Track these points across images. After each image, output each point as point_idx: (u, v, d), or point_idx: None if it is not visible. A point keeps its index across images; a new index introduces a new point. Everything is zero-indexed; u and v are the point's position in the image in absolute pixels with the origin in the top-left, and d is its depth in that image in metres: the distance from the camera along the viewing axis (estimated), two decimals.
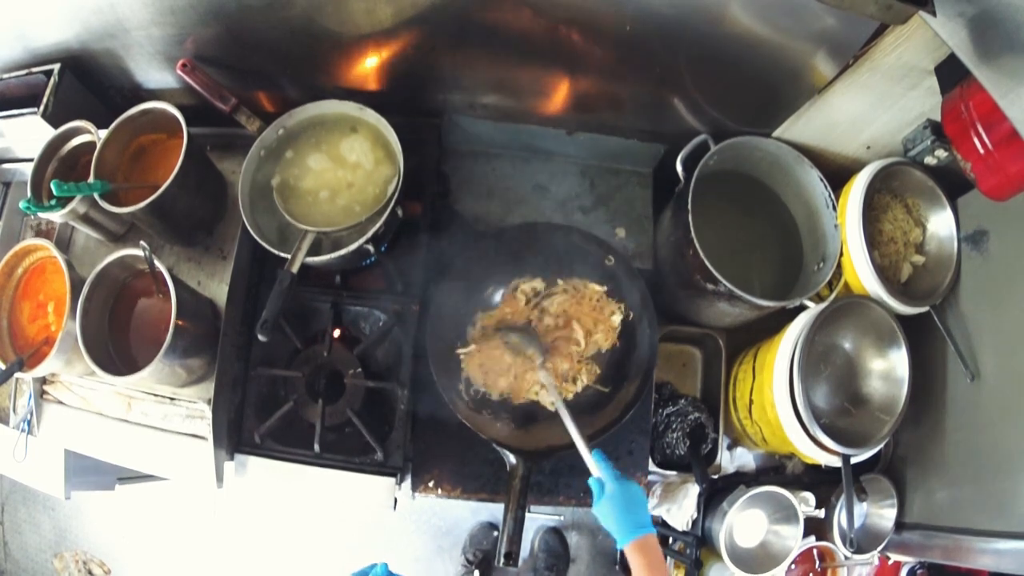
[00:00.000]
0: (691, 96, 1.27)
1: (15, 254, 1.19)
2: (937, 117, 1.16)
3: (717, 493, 1.43)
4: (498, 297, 1.34)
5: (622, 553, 1.60)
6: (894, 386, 1.30)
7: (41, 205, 1.16)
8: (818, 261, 1.32)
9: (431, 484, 1.32)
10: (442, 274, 1.28)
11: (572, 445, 1.13)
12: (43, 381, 1.30)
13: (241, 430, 1.26)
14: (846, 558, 1.42)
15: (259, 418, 1.25)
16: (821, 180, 1.31)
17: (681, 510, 1.41)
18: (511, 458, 1.17)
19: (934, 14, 0.83)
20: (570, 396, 1.29)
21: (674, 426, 1.44)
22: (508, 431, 1.26)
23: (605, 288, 1.31)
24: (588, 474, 1.07)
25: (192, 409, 1.25)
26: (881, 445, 1.33)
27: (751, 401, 1.38)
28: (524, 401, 1.30)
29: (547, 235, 1.32)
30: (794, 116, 1.26)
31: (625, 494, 1.03)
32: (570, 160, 1.52)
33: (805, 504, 1.40)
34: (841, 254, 1.28)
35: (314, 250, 1.14)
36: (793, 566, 1.42)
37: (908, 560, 1.48)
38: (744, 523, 1.42)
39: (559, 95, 1.32)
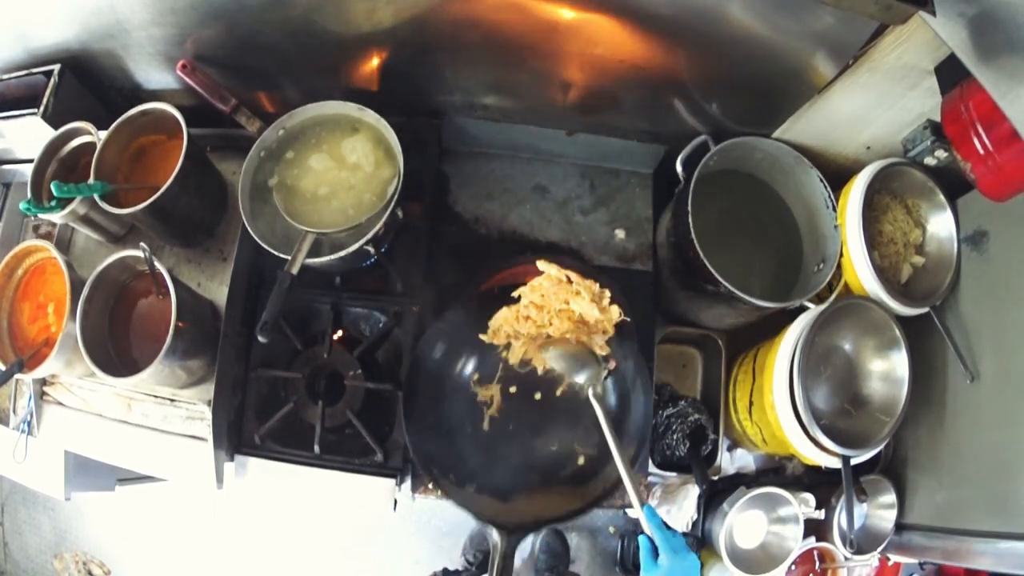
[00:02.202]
0: (691, 96, 1.27)
1: (15, 255, 1.18)
2: (937, 117, 1.16)
3: (717, 494, 1.43)
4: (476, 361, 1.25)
5: (622, 554, 1.59)
6: (894, 387, 1.30)
7: (41, 206, 1.16)
8: (818, 262, 1.32)
9: (431, 485, 1.32)
10: (423, 338, 1.22)
11: (563, 517, 1.12)
12: (43, 382, 1.30)
13: (241, 431, 1.26)
14: (846, 559, 1.42)
15: (259, 419, 1.25)
16: (821, 181, 1.31)
17: (681, 511, 1.40)
18: (494, 535, 1.09)
19: (934, 14, 0.83)
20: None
21: (674, 427, 1.44)
22: (493, 504, 1.18)
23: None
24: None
25: (192, 410, 1.24)
26: (881, 446, 1.33)
27: (751, 402, 1.38)
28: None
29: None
30: (794, 116, 1.26)
31: (683, 570, 0.90)
32: (570, 161, 1.52)
33: (805, 505, 1.40)
34: (841, 255, 1.28)
35: (314, 251, 1.14)
36: (793, 567, 1.42)
37: (908, 561, 1.48)
38: (744, 524, 1.42)
39: (559, 96, 1.32)
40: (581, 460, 1.22)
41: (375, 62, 1.24)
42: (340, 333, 1.34)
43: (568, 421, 1.23)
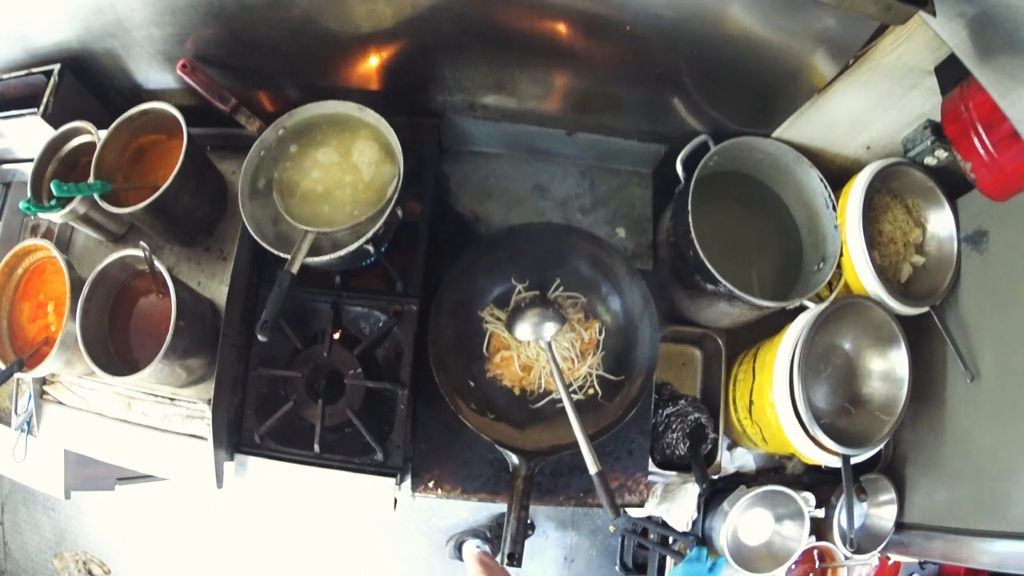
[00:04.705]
0: (691, 96, 1.27)
1: (15, 254, 1.18)
2: (937, 117, 1.16)
3: (717, 493, 1.43)
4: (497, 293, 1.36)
5: (622, 554, 1.61)
6: (894, 386, 1.30)
7: (41, 206, 1.16)
8: (818, 261, 1.32)
9: (431, 484, 1.32)
10: (444, 275, 1.29)
11: (576, 444, 1.13)
12: (43, 381, 1.30)
13: (241, 430, 1.26)
14: (846, 558, 1.42)
15: (259, 418, 1.25)
16: (821, 180, 1.31)
17: (681, 510, 1.41)
18: (513, 459, 1.17)
19: (934, 14, 0.84)
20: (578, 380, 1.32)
21: (674, 426, 1.44)
22: (511, 432, 1.26)
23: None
24: (589, 473, 1.08)
25: (192, 409, 1.24)
26: (881, 445, 1.33)
27: (751, 401, 1.38)
28: (541, 391, 1.32)
29: (545, 235, 1.32)
30: (794, 116, 1.26)
31: None
32: (570, 160, 1.52)
33: (805, 504, 1.40)
34: (841, 254, 1.28)
35: (314, 250, 1.14)
36: (793, 566, 1.42)
37: (908, 560, 1.48)
38: (750, 522, 1.42)
39: (559, 95, 1.32)
40: (591, 392, 1.33)
41: (375, 62, 1.24)
42: (340, 332, 1.33)
43: None
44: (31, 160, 1.21)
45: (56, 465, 1.34)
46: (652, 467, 1.44)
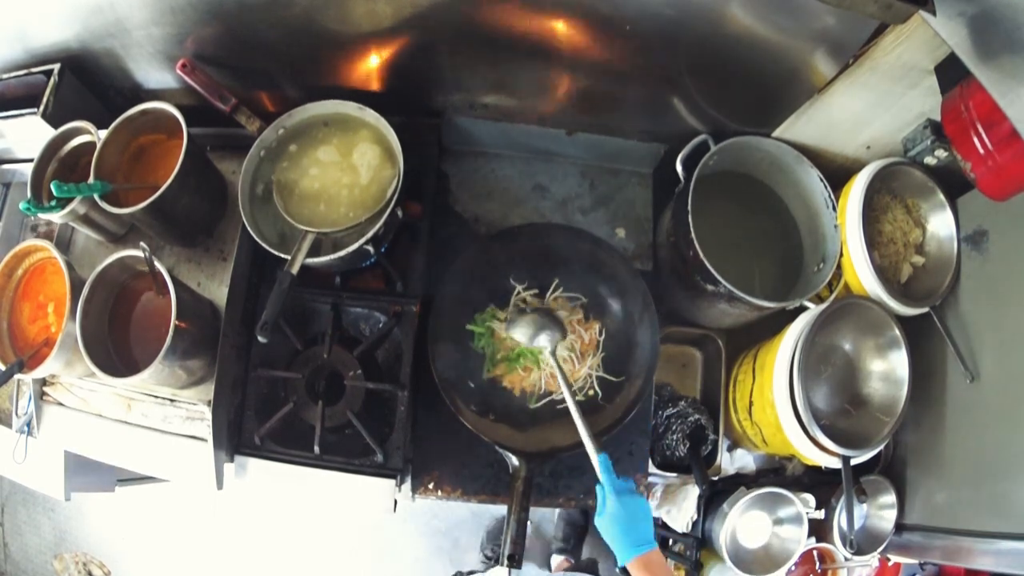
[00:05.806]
0: (691, 96, 1.27)
1: (15, 255, 1.18)
2: (937, 117, 1.16)
3: (717, 495, 1.43)
4: (497, 294, 1.36)
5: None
6: (894, 387, 1.30)
7: (41, 206, 1.16)
8: (818, 262, 1.32)
9: (431, 486, 1.32)
10: (444, 275, 1.29)
11: (575, 446, 1.13)
12: (43, 382, 1.30)
13: (241, 432, 1.26)
14: (846, 559, 1.42)
15: (259, 420, 1.24)
16: (821, 180, 1.31)
17: (681, 512, 1.40)
18: (514, 460, 1.17)
19: (934, 13, 0.83)
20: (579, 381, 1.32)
21: (674, 428, 1.44)
22: (511, 433, 1.26)
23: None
24: (589, 474, 1.07)
25: (192, 411, 1.24)
26: (881, 446, 1.33)
27: (751, 402, 1.38)
28: (541, 393, 1.32)
29: (545, 236, 1.32)
30: (794, 116, 1.26)
31: (627, 510, 1.00)
32: (570, 160, 1.52)
33: (805, 505, 1.39)
34: (841, 255, 1.28)
35: (314, 251, 1.14)
36: (793, 567, 1.42)
37: (908, 561, 1.48)
38: (748, 524, 1.42)
39: (559, 95, 1.32)
40: (591, 393, 1.32)
41: (375, 61, 1.24)
42: (340, 333, 1.33)
43: None
44: (31, 160, 1.21)
45: (56, 466, 1.34)
46: (652, 468, 1.44)
